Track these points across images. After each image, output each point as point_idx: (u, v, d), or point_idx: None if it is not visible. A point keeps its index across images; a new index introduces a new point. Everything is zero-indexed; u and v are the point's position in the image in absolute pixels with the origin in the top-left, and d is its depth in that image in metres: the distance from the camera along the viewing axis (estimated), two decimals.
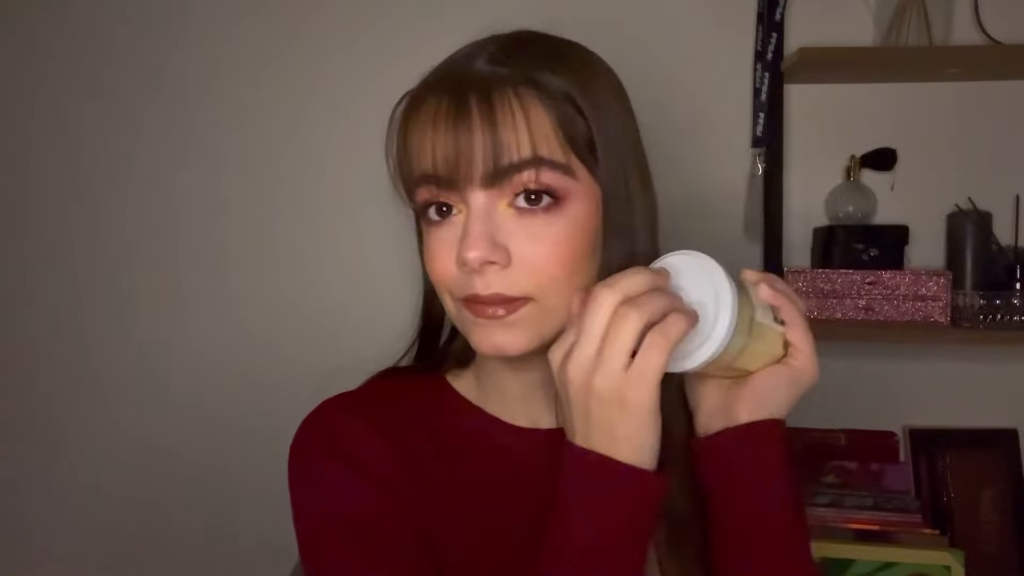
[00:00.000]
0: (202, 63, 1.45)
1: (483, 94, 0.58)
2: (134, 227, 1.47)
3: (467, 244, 0.58)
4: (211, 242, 1.47)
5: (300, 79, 1.44)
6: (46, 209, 1.48)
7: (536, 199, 0.59)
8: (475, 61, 0.61)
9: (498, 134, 0.57)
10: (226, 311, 1.47)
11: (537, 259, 0.59)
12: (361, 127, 1.43)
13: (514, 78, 0.59)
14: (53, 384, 1.50)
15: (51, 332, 1.49)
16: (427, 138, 0.59)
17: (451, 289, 0.62)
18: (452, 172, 0.58)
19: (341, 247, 1.45)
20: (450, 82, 0.60)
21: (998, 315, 1.26)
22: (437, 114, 0.59)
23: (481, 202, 0.59)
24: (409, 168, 0.62)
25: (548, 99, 0.59)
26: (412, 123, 0.61)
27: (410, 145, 0.61)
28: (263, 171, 1.46)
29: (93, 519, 1.50)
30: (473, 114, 0.58)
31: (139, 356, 1.48)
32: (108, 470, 1.49)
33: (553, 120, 0.59)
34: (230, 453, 1.47)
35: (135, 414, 1.49)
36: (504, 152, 0.57)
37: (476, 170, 0.58)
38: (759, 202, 1.35)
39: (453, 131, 0.58)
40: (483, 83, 0.59)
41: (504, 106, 0.58)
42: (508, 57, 0.61)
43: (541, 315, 0.60)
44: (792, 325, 0.61)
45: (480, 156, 0.57)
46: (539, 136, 0.58)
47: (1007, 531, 1.32)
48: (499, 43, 0.63)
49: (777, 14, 1.33)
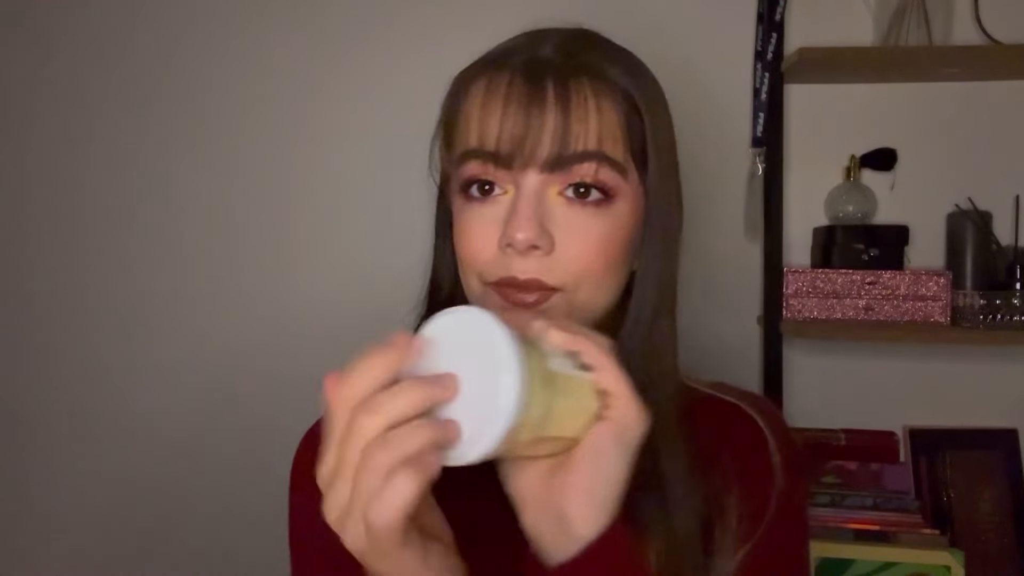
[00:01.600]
0: (205, 61, 1.45)
1: (559, 79, 0.58)
2: (144, 222, 1.47)
3: (516, 224, 0.57)
4: (221, 238, 1.47)
5: (301, 78, 1.44)
6: (52, 205, 1.48)
7: (585, 192, 0.59)
8: (542, 48, 0.61)
9: (570, 121, 0.57)
10: (235, 308, 1.47)
11: (579, 251, 0.59)
12: (366, 128, 1.44)
13: (589, 70, 0.59)
14: (63, 375, 1.50)
15: (61, 324, 1.49)
16: (495, 113, 0.58)
17: (481, 270, 0.61)
18: (515, 150, 0.58)
19: (348, 245, 1.46)
20: (522, 62, 0.60)
21: (998, 315, 1.26)
22: (510, 91, 0.58)
23: (534, 185, 0.59)
24: (463, 140, 0.61)
25: (618, 97, 0.60)
26: (475, 95, 0.61)
27: (469, 117, 0.60)
28: (268, 170, 1.46)
29: (99, 510, 1.50)
30: (548, 97, 0.57)
31: (147, 352, 1.48)
32: (115, 461, 1.49)
33: (620, 118, 0.60)
34: (237, 448, 1.47)
35: (142, 411, 1.49)
36: (572, 140, 0.57)
37: (541, 152, 0.57)
38: (759, 202, 1.35)
39: (526, 110, 0.57)
40: (559, 69, 0.59)
41: (580, 95, 0.58)
42: (577, 49, 0.61)
43: (569, 308, 0.60)
44: (600, 368, 0.50)
45: (549, 139, 0.57)
46: (606, 132, 0.59)
47: (1007, 531, 1.32)
48: (562, 35, 0.63)
49: (777, 14, 1.32)
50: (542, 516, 0.50)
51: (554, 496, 0.49)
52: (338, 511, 0.44)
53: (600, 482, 0.49)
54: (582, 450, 0.49)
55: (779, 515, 0.62)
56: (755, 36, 1.36)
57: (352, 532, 0.44)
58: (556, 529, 0.49)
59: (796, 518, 0.65)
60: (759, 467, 0.64)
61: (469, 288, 0.63)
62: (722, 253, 1.39)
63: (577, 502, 0.48)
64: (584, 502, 0.48)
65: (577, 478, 0.48)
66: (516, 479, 0.52)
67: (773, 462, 0.64)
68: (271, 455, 1.45)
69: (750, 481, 0.64)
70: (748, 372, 1.39)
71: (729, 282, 1.39)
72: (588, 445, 0.49)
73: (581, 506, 0.48)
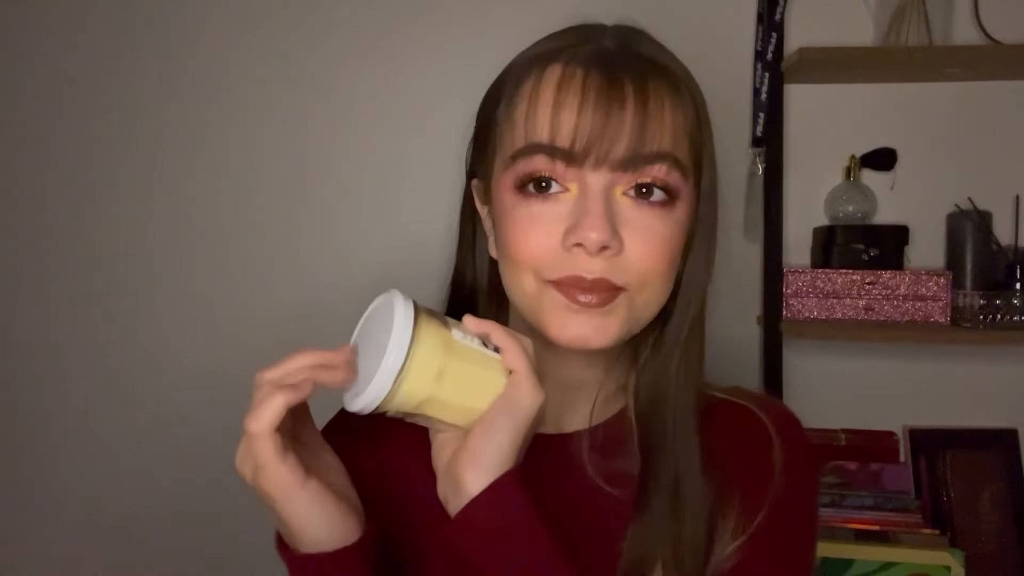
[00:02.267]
0: (215, 63, 1.45)
1: (637, 76, 0.58)
2: (134, 227, 1.47)
3: (590, 223, 0.56)
4: (217, 242, 1.47)
5: (311, 79, 1.45)
6: (61, 203, 1.48)
7: (648, 192, 0.59)
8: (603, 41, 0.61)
9: (648, 121, 0.57)
10: (243, 307, 1.47)
11: (646, 251, 0.59)
12: (375, 129, 1.44)
13: (659, 68, 0.59)
14: (67, 374, 1.50)
15: (65, 322, 1.49)
16: (570, 107, 0.57)
17: (540, 268, 0.59)
18: (589, 147, 0.56)
19: (357, 244, 1.46)
20: (597, 58, 0.58)
21: (998, 315, 1.26)
22: (586, 86, 0.57)
23: (602, 184, 0.58)
24: (528, 134, 0.59)
25: (687, 98, 0.60)
26: (543, 89, 0.59)
27: (535, 110, 0.59)
28: (278, 168, 1.46)
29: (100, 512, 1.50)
30: (628, 95, 0.57)
31: (145, 353, 1.49)
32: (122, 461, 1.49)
33: (687, 120, 0.60)
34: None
35: (142, 411, 1.49)
36: (649, 140, 0.57)
37: (617, 151, 0.57)
38: (759, 202, 1.35)
39: (605, 106, 0.56)
40: (637, 68, 0.58)
41: (658, 95, 0.58)
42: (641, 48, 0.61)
43: (632, 308, 0.60)
44: (505, 349, 0.55)
45: (626, 138, 0.56)
46: (678, 134, 0.59)
47: (1007, 531, 1.32)
48: (619, 31, 0.63)
49: (777, 14, 1.32)
50: (445, 484, 0.56)
51: (453, 466, 0.55)
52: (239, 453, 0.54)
53: (487, 447, 0.54)
54: (478, 423, 0.55)
55: (777, 512, 0.62)
56: (755, 36, 1.36)
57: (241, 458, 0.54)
58: (453, 492, 0.54)
59: (796, 517, 0.65)
60: (761, 465, 0.64)
61: (521, 287, 0.61)
62: (722, 253, 1.38)
63: (466, 466, 0.54)
64: (471, 465, 0.53)
65: (471, 445, 0.54)
66: (434, 458, 0.57)
67: (775, 460, 0.64)
68: None
69: (751, 479, 0.64)
70: (748, 372, 1.39)
71: (729, 282, 1.38)
72: (482, 418, 0.55)
73: (468, 469, 0.53)
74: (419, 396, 0.53)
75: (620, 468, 0.65)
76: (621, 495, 0.64)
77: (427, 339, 0.53)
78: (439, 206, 1.35)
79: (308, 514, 0.54)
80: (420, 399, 0.53)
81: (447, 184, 0.76)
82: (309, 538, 0.55)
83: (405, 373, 0.52)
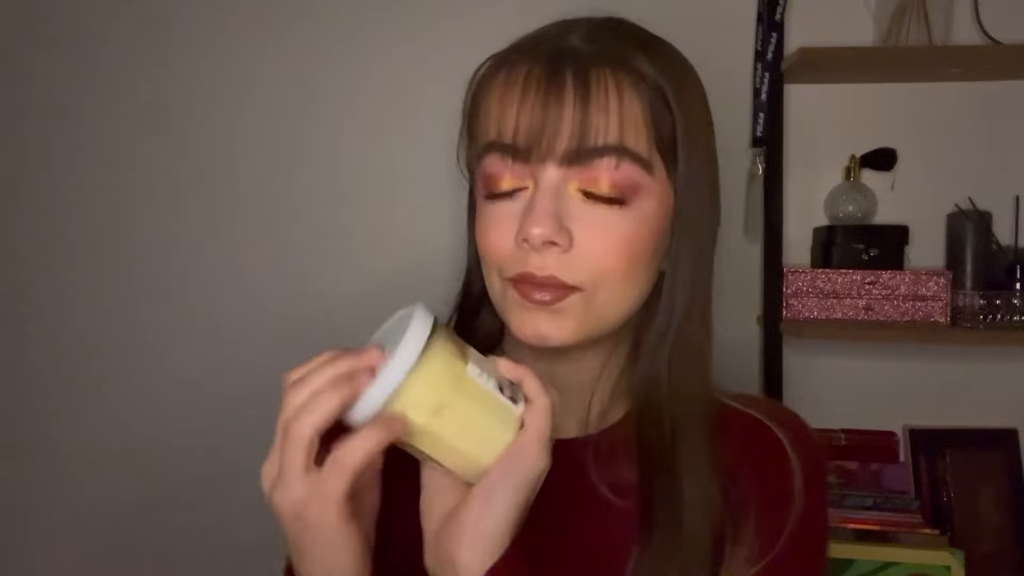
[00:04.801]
0: (206, 59, 1.45)
1: (580, 69, 0.55)
2: (133, 226, 1.47)
3: (532, 219, 0.55)
4: (221, 238, 1.47)
5: (305, 75, 1.44)
6: (46, 203, 1.48)
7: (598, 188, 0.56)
8: (569, 36, 0.58)
9: (589, 112, 0.55)
10: (243, 309, 1.47)
11: (599, 249, 0.56)
12: (372, 125, 1.44)
13: (612, 59, 0.56)
14: (52, 382, 1.50)
15: (52, 329, 1.49)
16: (512, 103, 0.56)
17: (501, 266, 0.59)
18: (532, 143, 0.55)
19: (356, 243, 1.46)
20: (544, 51, 0.57)
21: (998, 315, 1.26)
22: (528, 80, 0.56)
23: (552, 180, 0.56)
24: (484, 132, 0.59)
25: (643, 87, 0.56)
26: (495, 86, 0.58)
27: (489, 108, 0.58)
28: (274, 166, 1.46)
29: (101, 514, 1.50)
30: (567, 87, 0.55)
31: (145, 352, 1.48)
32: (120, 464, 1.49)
33: (644, 111, 0.56)
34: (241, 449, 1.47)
35: (143, 410, 1.49)
36: (592, 132, 0.55)
37: (560, 145, 0.55)
38: (759, 202, 1.35)
39: (543, 100, 0.55)
40: (581, 58, 0.56)
41: (600, 85, 0.55)
42: (605, 37, 0.59)
43: (587, 308, 0.58)
44: (534, 402, 0.51)
45: (567, 131, 0.55)
46: (628, 124, 0.56)
47: (1007, 531, 1.32)
48: (593, 24, 0.61)
49: (777, 14, 1.32)
50: (435, 557, 0.52)
51: (445, 538, 0.51)
52: (270, 475, 0.50)
53: (487, 520, 0.50)
54: (476, 488, 0.51)
55: (797, 537, 0.60)
56: (755, 36, 1.36)
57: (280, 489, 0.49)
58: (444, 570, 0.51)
59: (815, 540, 0.63)
60: (779, 487, 0.62)
61: (491, 284, 0.61)
62: (722, 253, 1.38)
63: (463, 545, 0.49)
64: (469, 544, 0.49)
65: (467, 516, 0.50)
66: (424, 516, 0.53)
67: (794, 484, 0.62)
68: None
69: (769, 500, 0.61)
70: (748, 372, 1.39)
71: (729, 282, 1.39)
72: (482, 483, 0.50)
73: (466, 549, 0.49)
74: (412, 426, 0.49)
75: (624, 476, 0.62)
76: (626, 505, 0.61)
77: (434, 366, 0.49)
78: (446, 208, 1.37)
79: (335, 554, 0.50)
80: (412, 430, 0.49)
81: (454, 184, 0.76)
82: (321, 571, 0.51)
83: (399, 395, 0.48)
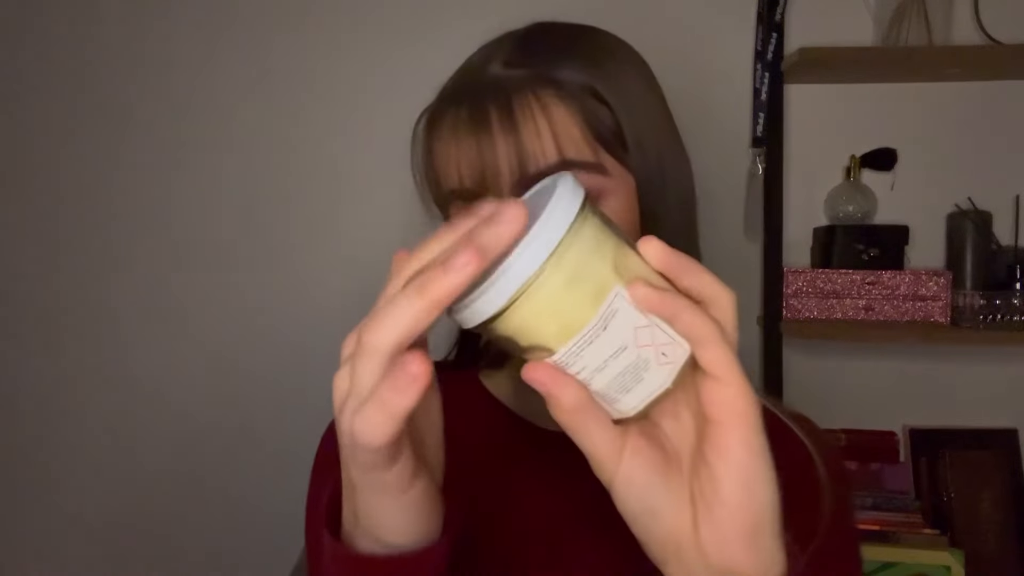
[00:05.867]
0: (200, 61, 1.45)
1: (502, 101, 0.55)
2: (133, 230, 1.48)
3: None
4: (220, 244, 1.47)
5: (298, 75, 1.45)
6: (43, 209, 1.48)
7: None
8: (490, 65, 0.58)
9: (522, 142, 0.54)
10: (238, 309, 1.47)
11: None
12: (365, 126, 1.44)
13: (532, 80, 0.56)
14: (66, 377, 1.50)
15: (54, 330, 1.49)
16: (450, 152, 0.56)
17: None
18: (480, 184, 0.55)
19: (349, 244, 1.46)
20: (467, 91, 0.57)
21: (998, 315, 1.26)
22: (456, 126, 0.56)
23: None
24: (437, 186, 0.59)
25: (569, 97, 0.55)
26: (434, 139, 0.58)
27: (436, 162, 0.58)
28: (267, 167, 1.46)
29: (102, 511, 1.50)
30: (493, 123, 0.55)
31: (144, 355, 1.49)
32: (121, 460, 1.50)
33: (577, 118, 0.55)
34: (241, 446, 1.47)
35: (144, 411, 1.49)
36: (530, 160, 0.54)
37: (504, 181, 0.55)
38: (759, 202, 1.35)
39: (476, 143, 0.55)
40: (501, 89, 0.56)
41: (525, 111, 0.54)
42: (523, 56, 0.58)
43: None
44: (701, 343, 0.40)
45: (506, 167, 0.54)
46: (564, 138, 0.55)
47: (1007, 531, 1.32)
48: (512, 42, 0.60)
49: (777, 14, 1.33)
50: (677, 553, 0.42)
51: (712, 555, 0.41)
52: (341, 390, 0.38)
53: (758, 517, 0.40)
54: (720, 475, 0.40)
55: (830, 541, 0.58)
56: (755, 36, 1.36)
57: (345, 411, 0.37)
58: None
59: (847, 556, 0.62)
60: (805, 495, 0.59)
61: None
62: (722, 253, 1.39)
63: (741, 559, 0.40)
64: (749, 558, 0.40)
65: (733, 521, 0.40)
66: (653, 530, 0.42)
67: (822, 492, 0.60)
68: (276, 455, 1.45)
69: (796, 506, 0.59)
70: (748, 372, 1.39)
71: (729, 282, 1.39)
72: (722, 467, 0.40)
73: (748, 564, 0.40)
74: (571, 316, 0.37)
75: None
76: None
77: (594, 235, 0.37)
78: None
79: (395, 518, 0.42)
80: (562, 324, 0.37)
81: None
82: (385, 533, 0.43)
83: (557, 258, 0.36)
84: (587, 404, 0.39)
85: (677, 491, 0.42)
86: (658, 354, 0.39)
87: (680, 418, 0.43)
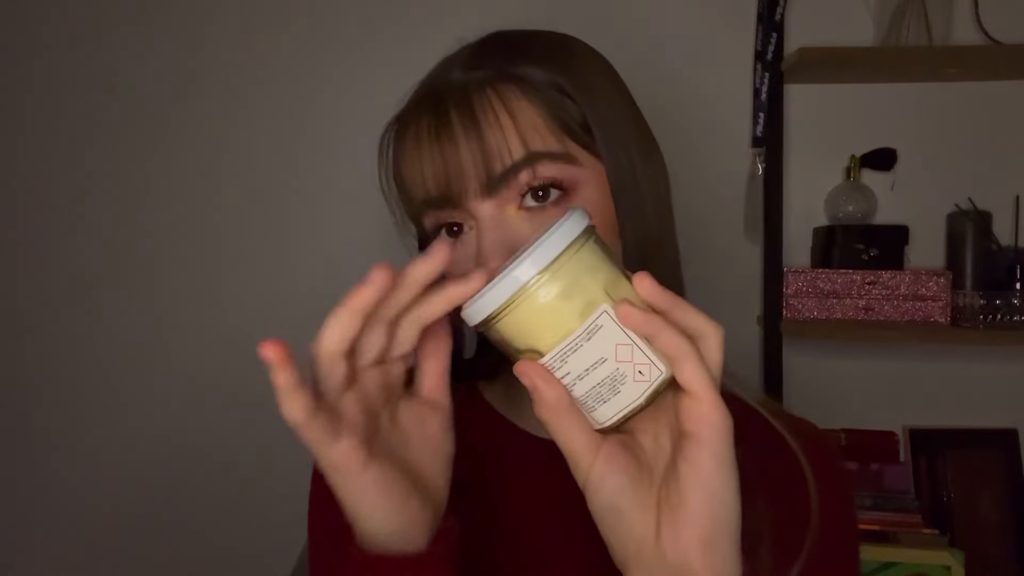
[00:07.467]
0: (199, 60, 1.45)
1: (462, 101, 0.55)
2: (132, 226, 1.48)
3: (484, 258, 0.53)
4: (216, 244, 1.47)
5: (298, 77, 1.45)
6: (42, 206, 1.49)
7: (544, 195, 0.54)
8: (451, 71, 0.58)
9: (485, 140, 0.53)
10: (237, 307, 1.47)
11: None
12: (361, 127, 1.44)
13: (492, 77, 0.55)
14: (53, 383, 1.50)
15: (54, 330, 1.49)
16: (416, 162, 0.56)
17: None
18: (447, 190, 0.54)
19: (345, 244, 1.46)
20: (428, 98, 0.57)
21: (998, 315, 1.26)
22: (419, 134, 0.55)
23: (488, 212, 0.55)
24: (408, 197, 0.58)
25: (531, 90, 0.55)
26: (399, 151, 0.58)
27: (403, 173, 0.58)
28: (266, 167, 1.46)
29: (102, 509, 1.50)
30: (455, 125, 0.54)
31: (143, 353, 1.49)
32: (121, 457, 1.50)
33: (541, 110, 0.55)
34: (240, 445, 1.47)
35: (142, 412, 1.49)
36: (495, 157, 0.53)
37: (471, 183, 0.54)
38: (759, 202, 1.35)
39: (439, 148, 0.54)
40: (460, 90, 0.55)
41: (486, 109, 0.54)
42: (482, 58, 0.58)
43: None
44: (679, 360, 0.42)
45: (472, 167, 0.54)
46: (529, 131, 0.54)
47: (1007, 531, 1.32)
48: (472, 48, 0.60)
49: (777, 14, 1.32)
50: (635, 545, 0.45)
51: (669, 557, 0.44)
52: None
53: (718, 524, 0.43)
54: (687, 484, 0.43)
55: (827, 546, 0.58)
56: (755, 36, 1.36)
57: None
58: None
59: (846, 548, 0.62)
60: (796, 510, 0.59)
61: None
62: (722, 253, 1.39)
63: (698, 561, 0.43)
64: (704, 561, 0.43)
65: (693, 527, 0.43)
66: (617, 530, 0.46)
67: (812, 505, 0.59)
68: (275, 453, 1.45)
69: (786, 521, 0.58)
70: (748, 372, 1.39)
71: (729, 282, 1.39)
72: (691, 476, 0.43)
73: (703, 566, 0.43)
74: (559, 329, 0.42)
75: None
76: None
77: (590, 259, 0.43)
78: None
79: (356, 501, 0.46)
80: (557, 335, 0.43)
81: None
82: (371, 528, 0.47)
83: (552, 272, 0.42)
84: (568, 405, 0.44)
85: (645, 496, 0.45)
86: (635, 371, 0.43)
87: (659, 439, 0.46)
